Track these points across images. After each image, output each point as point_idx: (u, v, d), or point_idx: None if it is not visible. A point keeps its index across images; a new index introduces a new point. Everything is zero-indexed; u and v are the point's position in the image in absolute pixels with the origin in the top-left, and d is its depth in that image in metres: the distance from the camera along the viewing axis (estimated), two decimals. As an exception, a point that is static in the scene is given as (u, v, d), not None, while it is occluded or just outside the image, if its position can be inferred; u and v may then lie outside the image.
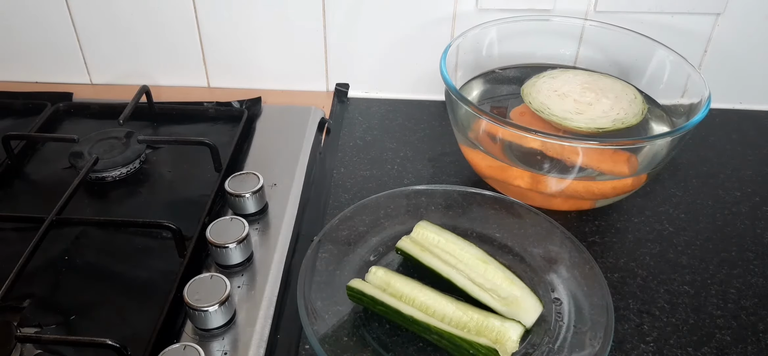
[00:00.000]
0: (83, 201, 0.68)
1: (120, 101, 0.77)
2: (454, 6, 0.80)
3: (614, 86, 0.71)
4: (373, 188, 0.71)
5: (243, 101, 0.83)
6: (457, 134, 0.70)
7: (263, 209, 0.66)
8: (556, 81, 0.71)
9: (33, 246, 0.57)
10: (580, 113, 0.66)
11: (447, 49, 0.69)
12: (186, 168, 0.73)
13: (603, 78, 0.72)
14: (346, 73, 0.88)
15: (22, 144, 0.74)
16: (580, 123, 0.65)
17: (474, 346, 0.50)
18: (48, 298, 0.57)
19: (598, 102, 0.68)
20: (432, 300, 0.55)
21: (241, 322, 0.54)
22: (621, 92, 0.70)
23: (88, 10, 0.84)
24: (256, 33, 0.84)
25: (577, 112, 0.66)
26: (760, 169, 0.76)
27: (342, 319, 0.56)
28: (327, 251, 0.60)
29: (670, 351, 0.54)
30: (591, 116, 0.66)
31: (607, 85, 0.71)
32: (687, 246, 0.65)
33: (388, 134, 0.81)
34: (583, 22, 0.77)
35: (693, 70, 0.67)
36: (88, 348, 0.51)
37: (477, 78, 0.77)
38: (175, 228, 0.59)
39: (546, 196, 0.66)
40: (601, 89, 0.70)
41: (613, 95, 0.69)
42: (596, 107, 0.67)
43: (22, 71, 0.90)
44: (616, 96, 0.69)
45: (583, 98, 0.68)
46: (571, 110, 0.67)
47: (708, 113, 0.61)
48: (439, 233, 0.61)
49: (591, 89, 0.70)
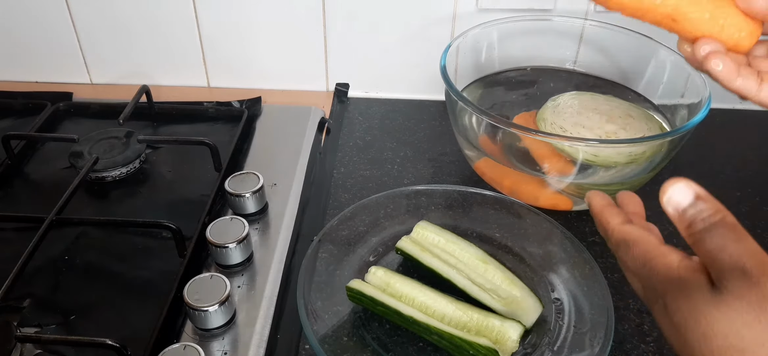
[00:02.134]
0: (83, 201, 0.68)
1: (120, 101, 0.77)
2: (454, 6, 0.80)
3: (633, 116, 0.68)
4: (373, 188, 0.71)
5: (243, 101, 0.83)
6: (457, 134, 0.70)
7: (263, 209, 0.66)
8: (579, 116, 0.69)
9: (33, 246, 0.57)
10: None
11: (447, 49, 0.69)
12: (186, 168, 0.73)
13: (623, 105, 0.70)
14: (346, 73, 0.88)
15: (22, 144, 0.74)
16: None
17: (474, 346, 0.50)
18: (48, 298, 0.57)
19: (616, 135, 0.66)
20: (432, 300, 0.55)
21: (241, 322, 0.54)
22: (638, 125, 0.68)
23: (88, 10, 0.84)
24: (256, 33, 0.84)
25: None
26: (760, 169, 0.76)
27: (342, 319, 0.55)
28: (327, 251, 0.60)
29: (670, 351, 0.54)
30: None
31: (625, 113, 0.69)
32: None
33: (388, 134, 0.81)
34: (584, 22, 0.77)
35: (693, 71, 0.67)
36: (88, 348, 0.51)
37: (477, 78, 0.77)
38: (175, 228, 0.59)
39: (546, 196, 0.66)
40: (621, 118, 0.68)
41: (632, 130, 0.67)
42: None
43: (22, 71, 0.90)
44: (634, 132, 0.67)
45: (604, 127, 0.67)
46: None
47: (708, 113, 0.61)
48: (439, 233, 0.61)
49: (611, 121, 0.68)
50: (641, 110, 0.70)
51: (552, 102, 0.71)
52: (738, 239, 0.33)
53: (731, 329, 0.31)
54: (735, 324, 0.31)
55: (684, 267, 0.34)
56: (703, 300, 0.32)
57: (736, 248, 0.32)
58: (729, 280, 0.32)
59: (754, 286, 0.31)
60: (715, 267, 0.33)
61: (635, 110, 0.69)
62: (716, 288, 0.32)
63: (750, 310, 0.31)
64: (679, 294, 0.33)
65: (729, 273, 0.32)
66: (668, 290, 0.34)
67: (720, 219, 0.34)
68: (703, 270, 0.34)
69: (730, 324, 0.31)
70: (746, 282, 0.31)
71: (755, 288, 0.31)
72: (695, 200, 0.35)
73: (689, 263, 0.35)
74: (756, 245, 0.33)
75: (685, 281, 0.34)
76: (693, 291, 0.33)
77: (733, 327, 0.31)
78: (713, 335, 0.31)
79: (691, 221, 0.34)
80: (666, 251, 0.36)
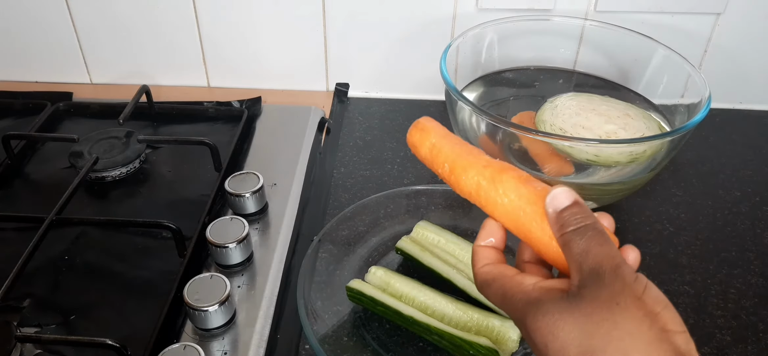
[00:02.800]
0: (83, 201, 0.68)
1: (120, 101, 0.77)
2: (454, 6, 0.80)
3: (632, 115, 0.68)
4: (373, 188, 0.71)
5: (243, 101, 0.83)
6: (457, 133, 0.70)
7: (263, 209, 0.66)
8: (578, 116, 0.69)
9: (33, 246, 0.57)
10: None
11: (447, 49, 0.69)
12: (186, 168, 0.73)
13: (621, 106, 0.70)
14: (346, 73, 0.88)
15: (22, 144, 0.74)
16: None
17: (474, 346, 0.50)
18: (48, 298, 0.57)
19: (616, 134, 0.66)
20: (432, 300, 0.55)
21: (241, 322, 0.54)
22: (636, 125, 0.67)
23: (88, 10, 0.84)
24: (256, 33, 0.84)
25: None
26: (760, 169, 0.76)
27: (342, 319, 0.55)
28: (327, 251, 0.60)
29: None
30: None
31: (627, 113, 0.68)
32: (687, 246, 0.65)
33: (388, 134, 0.81)
34: (583, 22, 0.77)
35: (693, 71, 0.67)
36: (88, 348, 0.51)
37: (477, 78, 0.77)
38: (175, 228, 0.59)
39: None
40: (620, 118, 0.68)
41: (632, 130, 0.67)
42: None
43: (22, 71, 0.90)
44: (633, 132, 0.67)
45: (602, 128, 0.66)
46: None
47: (708, 113, 0.61)
48: (439, 233, 0.61)
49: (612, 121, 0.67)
50: (639, 109, 0.70)
51: (550, 103, 0.71)
52: (602, 243, 0.34)
53: (584, 332, 0.32)
54: (587, 327, 0.32)
55: (538, 289, 0.35)
56: (557, 311, 0.33)
57: (599, 251, 0.34)
58: (585, 284, 0.33)
59: (606, 287, 0.32)
60: (578, 270, 0.34)
61: (633, 110, 0.69)
62: (572, 296, 0.33)
63: (601, 310, 0.32)
64: (537, 313, 0.34)
65: (587, 276, 0.33)
66: (527, 313, 0.35)
67: (589, 224, 0.35)
68: (556, 288, 0.35)
69: (582, 328, 0.32)
70: (600, 283, 0.32)
71: (607, 289, 0.32)
72: (573, 204, 0.36)
73: (543, 283, 0.36)
74: (616, 251, 0.34)
75: (540, 300, 0.34)
76: (548, 306, 0.34)
77: (585, 330, 0.32)
78: (569, 343, 0.32)
79: (564, 222, 0.36)
80: (521, 280, 0.37)
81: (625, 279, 0.32)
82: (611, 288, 0.32)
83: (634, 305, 0.31)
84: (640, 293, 0.32)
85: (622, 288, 0.32)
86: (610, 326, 0.31)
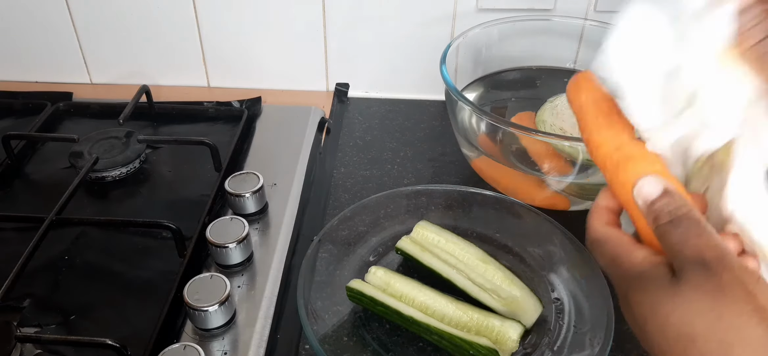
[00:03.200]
0: (83, 201, 0.68)
1: (120, 101, 0.77)
2: (454, 6, 0.80)
3: None
4: (373, 188, 0.71)
5: (243, 101, 0.83)
6: (456, 133, 0.70)
7: (263, 209, 0.66)
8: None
9: (33, 246, 0.57)
10: None
11: (447, 49, 0.69)
12: (186, 168, 0.73)
13: None
14: (346, 73, 0.88)
15: (22, 144, 0.74)
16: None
17: (474, 346, 0.50)
18: (48, 298, 0.57)
19: None
20: (432, 300, 0.55)
21: (241, 322, 0.54)
22: None
23: (88, 10, 0.84)
24: (256, 33, 0.84)
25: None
26: (760, 169, 0.75)
27: (342, 319, 0.55)
28: (327, 251, 0.60)
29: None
30: None
31: None
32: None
33: (388, 134, 0.81)
34: (583, 21, 0.77)
35: (693, 71, 0.67)
36: (88, 348, 0.51)
37: (477, 78, 0.77)
38: (175, 228, 0.59)
39: (546, 196, 0.66)
40: None
41: None
42: None
43: (22, 71, 0.90)
44: None
45: None
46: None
47: (708, 113, 0.61)
48: (439, 233, 0.61)
49: None
50: None
51: (550, 103, 0.71)
52: (700, 233, 0.33)
53: (685, 318, 0.31)
54: (689, 314, 0.31)
55: (647, 262, 0.35)
56: (662, 291, 0.33)
57: (698, 241, 0.33)
58: (688, 272, 0.32)
59: (711, 277, 0.31)
60: (677, 259, 0.33)
61: None
62: (676, 280, 0.33)
63: (705, 299, 0.31)
64: (640, 288, 0.34)
65: (689, 265, 0.32)
66: (631, 284, 0.35)
67: (685, 213, 0.34)
68: (665, 265, 0.34)
69: (684, 314, 0.32)
70: (704, 273, 0.32)
71: (713, 279, 0.31)
72: (663, 194, 0.35)
73: (653, 258, 0.35)
74: (717, 239, 0.33)
75: (647, 274, 0.34)
76: (653, 284, 0.33)
77: (686, 317, 0.31)
78: (669, 325, 0.32)
79: (657, 214, 0.35)
80: (632, 249, 0.37)
81: (734, 270, 0.31)
82: (718, 279, 0.31)
83: (743, 298, 0.30)
84: (751, 286, 0.31)
85: (732, 279, 0.31)
86: (714, 317, 0.30)
